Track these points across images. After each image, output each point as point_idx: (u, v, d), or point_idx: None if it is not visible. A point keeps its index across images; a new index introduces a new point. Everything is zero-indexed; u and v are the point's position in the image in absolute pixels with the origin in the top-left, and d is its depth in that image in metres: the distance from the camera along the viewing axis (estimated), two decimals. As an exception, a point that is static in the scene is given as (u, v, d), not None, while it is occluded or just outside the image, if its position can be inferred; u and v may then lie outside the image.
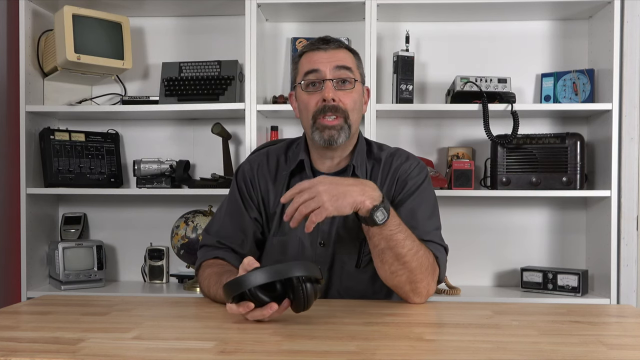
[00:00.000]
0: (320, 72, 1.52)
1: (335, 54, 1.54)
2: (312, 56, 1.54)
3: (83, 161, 2.59)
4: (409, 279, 1.40)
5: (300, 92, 1.57)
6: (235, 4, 2.50)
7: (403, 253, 1.37)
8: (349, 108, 1.53)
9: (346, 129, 1.52)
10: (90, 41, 2.44)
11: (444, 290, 2.43)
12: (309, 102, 1.54)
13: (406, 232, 1.39)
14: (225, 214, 1.62)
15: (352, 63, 1.56)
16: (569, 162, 2.41)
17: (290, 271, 1.18)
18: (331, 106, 1.51)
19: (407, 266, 1.38)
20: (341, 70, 1.52)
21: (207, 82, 2.55)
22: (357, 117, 1.57)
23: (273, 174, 1.62)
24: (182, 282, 2.65)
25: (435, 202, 1.58)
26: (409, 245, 1.38)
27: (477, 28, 2.64)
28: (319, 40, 1.57)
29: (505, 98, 2.43)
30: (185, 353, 1.01)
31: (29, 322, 1.28)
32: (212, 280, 1.46)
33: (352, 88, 1.54)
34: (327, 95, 1.50)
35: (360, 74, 1.58)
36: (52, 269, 2.59)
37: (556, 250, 2.64)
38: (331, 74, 1.51)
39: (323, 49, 1.54)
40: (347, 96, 1.53)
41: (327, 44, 1.54)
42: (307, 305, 1.19)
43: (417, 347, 1.05)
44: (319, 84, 1.52)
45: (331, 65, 1.52)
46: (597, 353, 1.02)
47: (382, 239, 1.37)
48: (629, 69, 2.42)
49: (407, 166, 1.59)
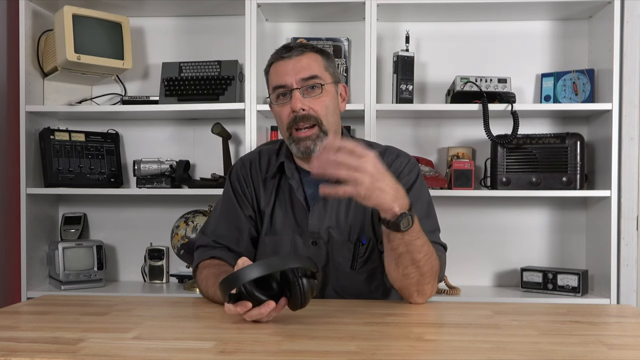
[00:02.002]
0: (286, 85, 1.51)
1: (299, 61, 1.52)
2: (278, 67, 1.54)
3: (83, 161, 2.59)
4: (418, 281, 1.40)
5: (273, 105, 1.58)
6: (235, 4, 2.50)
7: (419, 258, 1.37)
8: (321, 114, 1.52)
9: (322, 137, 1.52)
10: (90, 41, 2.44)
11: (444, 290, 2.43)
12: (281, 114, 1.54)
13: (424, 237, 1.38)
14: (220, 213, 1.63)
15: (319, 66, 1.54)
16: (569, 162, 2.41)
17: (286, 263, 1.18)
18: (302, 116, 1.50)
19: (420, 270, 1.38)
20: (308, 81, 1.51)
21: (207, 82, 2.55)
22: (333, 119, 1.56)
23: (264, 173, 1.63)
24: (182, 282, 2.65)
25: (429, 199, 1.58)
26: (425, 250, 1.37)
27: (477, 28, 2.64)
28: (282, 48, 1.56)
29: (505, 98, 2.43)
30: (185, 353, 1.01)
31: (29, 322, 1.28)
32: (209, 282, 1.46)
33: (321, 93, 1.52)
34: (295, 106, 1.50)
35: (330, 75, 1.56)
36: (52, 269, 2.59)
37: (556, 250, 2.64)
38: (298, 83, 1.51)
39: (287, 57, 1.53)
40: (317, 102, 1.52)
41: (290, 51, 1.53)
42: (304, 302, 1.19)
43: (417, 347, 1.05)
44: (287, 95, 1.52)
45: (296, 75, 1.51)
46: (597, 353, 1.02)
47: (402, 244, 1.35)
48: (629, 69, 2.42)
49: (399, 164, 1.58)
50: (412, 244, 1.35)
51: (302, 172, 1.60)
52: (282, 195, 1.60)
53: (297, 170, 1.60)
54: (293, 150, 1.55)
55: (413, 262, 1.37)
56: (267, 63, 1.59)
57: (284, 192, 1.60)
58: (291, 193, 1.58)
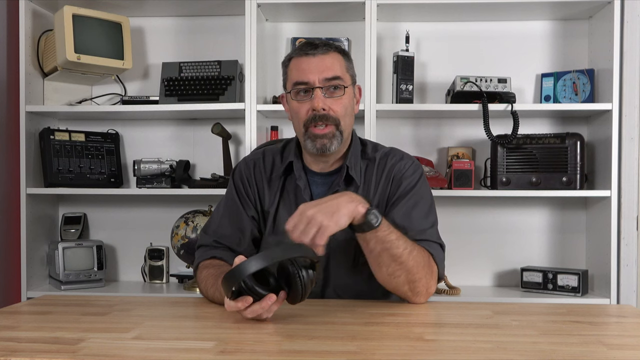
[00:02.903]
0: (309, 83, 1.51)
1: (324, 60, 1.52)
2: (300, 63, 1.53)
3: (83, 161, 2.59)
4: (407, 279, 1.40)
5: (290, 100, 1.57)
6: (235, 4, 2.50)
7: (399, 253, 1.37)
8: (340, 115, 1.52)
9: (338, 136, 1.52)
10: (90, 41, 2.44)
11: (444, 290, 2.44)
12: (299, 111, 1.54)
13: (397, 232, 1.39)
14: (223, 213, 1.63)
15: (341, 68, 1.54)
16: (569, 162, 2.41)
17: (286, 253, 1.18)
18: (321, 115, 1.51)
19: (404, 266, 1.39)
20: (330, 81, 1.51)
21: (207, 82, 2.55)
22: (349, 121, 1.57)
23: (269, 174, 1.63)
24: (182, 282, 2.65)
25: (431, 200, 1.58)
26: (402, 245, 1.38)
27: (477, 28, 2.64)
28: (306, 44, 1.55)
29: (505, 98, 2.43)
30: (185, 353, 1.01)
31: (29, 322, 1.28)
32: (209, 282, 1.46)
33: (342, 95, 1.53)
34: (317, 105, 1.50)
35: (350, 76, 1.57)
36: (52, 269, 2.59)
37: (556, 250, 2.64)
38: (320, 83, 1.51)
39: (311, 54, 1.52)
40: (338, 103, 1.52)
41: (315, 48, 1.53)
42: (304, 294, 1.19)
43: (417, 347, 1.05)
44: (308, 92, 1.52)
45: (320, 74, 1.51)
46: (597, 353, 1.02)
47: (377, 243, 1.37)
48: (629, 69, 2.42)
49: (402, 165, 1.59)
50: (386, 240, 1.36)
51: (308, 172, 1.60)
52: (287, 195, 1.60)
53: (304, 170, 1.60)
54: (308, 146, 1.54)
55: (393, 258, 1.38)
56: (287, 56, 1.59)
57: (289, 192, 1.60)
58: (297, 193, 1.58)
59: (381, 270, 1.41)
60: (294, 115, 1.57)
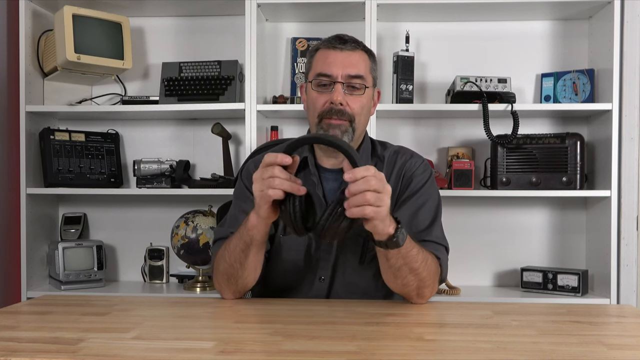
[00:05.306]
0: (332, 76, 1.52)
1: (350, 57, 1.53)
2: (327, 56, 1.54)
3: (83, 161, 2.59)
4: (417, 285, 1.42)
5: (310, 89, 1.57)
6: (235, 4, 2.50)
7: (416, 266, 1.38)
8: (356, 112, 1.53)
9: (350, 132, 1.52)
10: (90, 41, 2.44)
11: (444, 290, 2.43)
12: (317, 101, 1.54)
13: (416, 245, 1.39)
14: (238, 211, 1.60)
15: (365, 67, 1.55)
16: (569, 162, 2.41)
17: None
18: (338, 110, 1.51)
19: (419, 276, 1.40)
20: (353, 79, 1.52)
21: (207, 82, 2.55)
22: (364, 120, 1.58)
23: None
24: (182, 282, 2.65)
25: (439, 200, 1.60)
26: (421, 258, 1.39)
27: (477, 28, 2.64)
28: (336, 38, 1.56)
29: (505, 98, 2.43)
30: (185, 353, 1.01)
31: (29, 322, 1.28)
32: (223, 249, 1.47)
33: (362, 94, 1.54)
34: (336, 99, 1.51)
35: (372, 78, 1.58)
36: (52, 269, 2.59)
37: (556, 250, 2.64)
38: (343, 78, 1.52)
39: (339, 48, 1.53)
40: (356, 101, 1.53)
41: (344, 44, 1.54)
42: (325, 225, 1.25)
43: (417, 347, 1.05)
44: (329, 85, 1.53)
45: (344, 69, 1.52)
46: (597, 353, 1.02)
47: (400, 258, 1.36)
48: (629, 69, 2.42)
49: (412, 163, 1.60)
50: (408, 256, 1.36)
51: (320, 168, 1.61)
52: None
53: (316, 167, 1.61)
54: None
55: (411, 271, 1.38)
56: (314, 47, 1.59)
57: None
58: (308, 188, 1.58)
59: (396, 281, 1.41)
60: (311, 104, 1.57)
